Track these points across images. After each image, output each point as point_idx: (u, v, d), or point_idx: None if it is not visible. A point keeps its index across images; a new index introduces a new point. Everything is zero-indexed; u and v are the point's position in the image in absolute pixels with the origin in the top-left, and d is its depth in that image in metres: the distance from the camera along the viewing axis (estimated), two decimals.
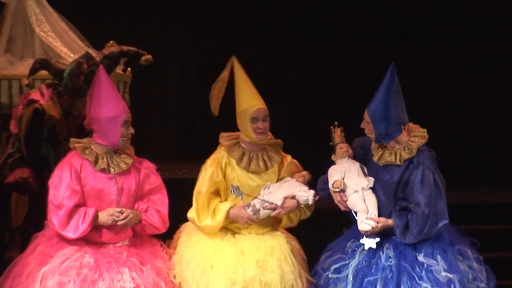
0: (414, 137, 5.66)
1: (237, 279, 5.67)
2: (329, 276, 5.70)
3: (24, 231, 6.77)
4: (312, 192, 5.82)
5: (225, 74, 5.95)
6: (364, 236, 5.62)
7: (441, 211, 5.53)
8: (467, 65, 10.86)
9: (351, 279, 5.62)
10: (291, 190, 5.84)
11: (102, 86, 5.62)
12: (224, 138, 5.97)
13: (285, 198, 5.82)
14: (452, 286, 5.45)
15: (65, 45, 8.06)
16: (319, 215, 6.14)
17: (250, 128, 5.81)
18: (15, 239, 6.96)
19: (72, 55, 7.82)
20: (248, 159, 5.88)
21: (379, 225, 5.58)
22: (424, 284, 5.46)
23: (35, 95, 7.02)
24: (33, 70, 7.22)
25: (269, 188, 5.87)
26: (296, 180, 5.91)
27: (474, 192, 9.84)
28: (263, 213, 5.84)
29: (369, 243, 5.60)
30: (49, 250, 5.60)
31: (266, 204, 5.80)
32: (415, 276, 5.48)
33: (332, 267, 5.73)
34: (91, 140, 5.72)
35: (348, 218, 5.89)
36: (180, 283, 5.76)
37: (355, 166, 5.73)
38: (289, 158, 6.02)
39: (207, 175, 5.86)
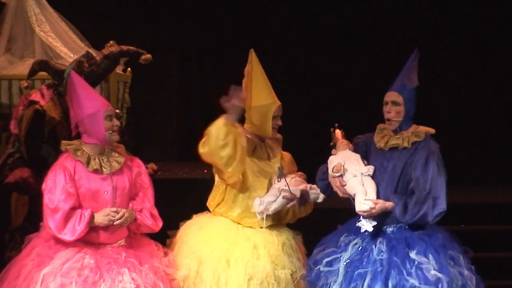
0: (422, 126, 5.70)
1: (255, 274, 5.64)
2: (321, 269, 5.64)
3: (24, 231, 6.75)
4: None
5: (248, 68, 5.94)
6: (362, 218, 5.55)
7: (440, 198, 5.48)
8: (468, 65, 10.86)
9: (342, 271, 5.57)
10: (303, 185, 5.77)
11: (77, 88, 5.64)
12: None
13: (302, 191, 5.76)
14: (440, 286, 5.38)
15: (65, 45, 8.07)
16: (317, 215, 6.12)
17: (270, 124, 5.82)
18: (15, 239, 6.95)
19: (72, 55, 7.83)
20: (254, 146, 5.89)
21: (377, 206, 5.50)
22: (412, 281, 5.39)
23: (35, 96, 7.01)
24: (32, 72, 7.22)
25: (275, 181, 5.79)
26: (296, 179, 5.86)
27: (474, 192, 9.85)
28: (281, 202, 5.72)
29: (366, 225, 5.54)
30: (47, 252, 5.58)
31: (286, 194, 5.69)
32: (404, 272, 5.42)
33: (324, 260, 5.66)
34: (81, 141, 5.72)
35: (344, 217, 5.88)
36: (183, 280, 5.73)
37: (355, 156, 5.70)
38: (288, 156, 6.01)
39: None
